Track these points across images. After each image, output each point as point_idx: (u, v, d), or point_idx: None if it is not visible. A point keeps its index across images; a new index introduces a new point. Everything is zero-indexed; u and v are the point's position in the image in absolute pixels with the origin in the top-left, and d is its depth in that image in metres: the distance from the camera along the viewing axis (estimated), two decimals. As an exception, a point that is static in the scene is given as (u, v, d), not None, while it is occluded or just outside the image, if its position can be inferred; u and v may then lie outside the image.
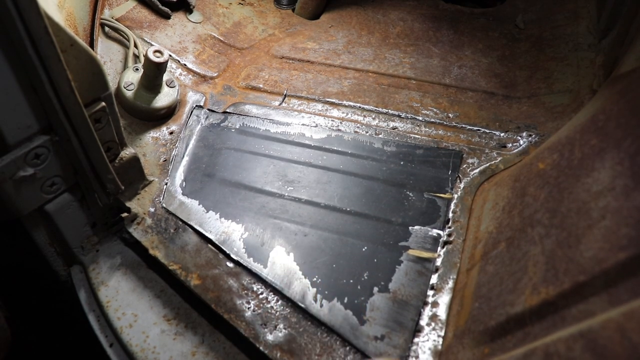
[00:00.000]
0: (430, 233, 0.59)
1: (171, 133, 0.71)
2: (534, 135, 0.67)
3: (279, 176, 0.66)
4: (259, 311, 0.55)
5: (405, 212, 0.61)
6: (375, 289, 0.55)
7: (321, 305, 0.54)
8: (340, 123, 0.72)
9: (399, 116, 0.73)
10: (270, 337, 0.53)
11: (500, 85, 0.77)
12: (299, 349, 0.52)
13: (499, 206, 0.56)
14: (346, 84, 0.78)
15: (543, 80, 0.76)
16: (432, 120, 0.72)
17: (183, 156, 0.68)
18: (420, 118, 0.72)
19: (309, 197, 0.63)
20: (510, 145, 0.67)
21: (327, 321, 0.53)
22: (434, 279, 0.55)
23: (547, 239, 0.45)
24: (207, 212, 0.63)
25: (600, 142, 0.46)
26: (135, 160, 0.61)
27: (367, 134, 0.70)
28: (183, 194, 0.65)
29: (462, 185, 0.63)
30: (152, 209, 0.63)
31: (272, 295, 0.56)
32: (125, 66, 0.74)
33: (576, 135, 0.50)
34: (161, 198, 0.64)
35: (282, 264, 0.58)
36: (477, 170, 0.64)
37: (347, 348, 0.51)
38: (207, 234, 0.60)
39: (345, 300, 0.54)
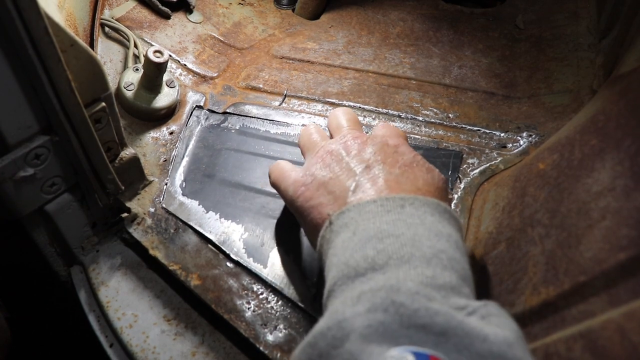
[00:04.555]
0: (430, 233, 0.59)
1: (171, 133, 0.71)
2: (534, 136, 0.67)
3: (279, 176, 0.66)
4: (259, 311, 0.55)
5: (405, 212, 0.61)
6: (375, 289, 0.55)
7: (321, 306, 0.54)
8: (340, 123, 0.72)
9: (399, 116, 0.73)
10: (270, 338, 0.53)
11: (500, 86, 0.77)
12: (299, 349, 0.52)
13: (499, 206, 0.56)
14: (346, 84, 0.78)
15: (543, 81, 0.76)
16: (432, 120, 0.72)
17: (183, 156, 0.69)
18: (420, 118, 0.72)
19: (309, 198, 0.63)
20: (510, 145, 0.67)
21: (327, 321, 0.53)
22: (434, 279, 0.55)
23: (547, 239, 0.45)
24: (207, 212, 0.63)
25: (600, 143, 0.46)
26: (135, 161, 0.61)
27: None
28: (183, 194, 0.65)
29: (462, 186, 0.63)
30: (152, 209, 0.63)
31: (272, 296, 0.56)
32: (125, 66, 0.74)
33: (576, 136, 0.50)
34: (161, 198, 0.64)
35: (282, 264, 0.58)
36: (477, 171, 0.64)
37: (347, 348, 0.51)
38: (207, 234, 0.60)
39: (345, 300, 0.54)
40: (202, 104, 0.75)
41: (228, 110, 0.74)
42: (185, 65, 0.80)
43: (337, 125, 0.56)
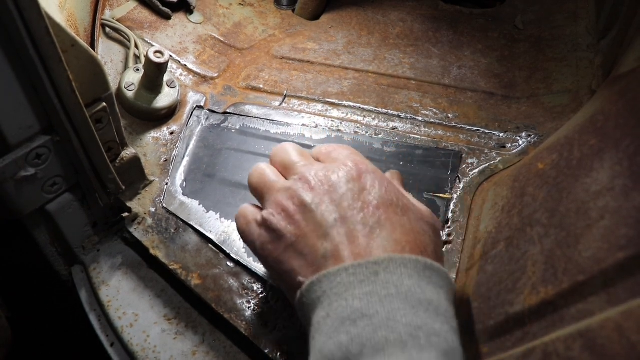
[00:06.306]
0: (429, 233, 0.59)
1: (172, 133, 0.71)
2: (533, 136, 0.68)
3: (279, 176, 0.66)
4: (259, 311, 0.55)
5: (405, 212, 0.61)
6: (375, 288, 0.55)
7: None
8: (340, 123, 0.72)
9: (398, 116, 0.73)
10: (270, 337, 0.53)
11: (499, 86, 0.77)
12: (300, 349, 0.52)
13: (499, 206, 0.57)
14: (346, 85, 0.78)
15: (542, 81, 0.76)
16: (432, 120, 0.72)
17: (183, 156, 0.69)
18: (420, 118, 0.73)
19: (309, 197, 0.63)
20: (509, 145, 0.68)
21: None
22: (433, 279, 0.55)
23: (546, 239, 0.45)
24: (208, 212, 0.63)
25: (599, 143, 0.46)
26: (136, 161, 0.61)
27: (367, 135, 0.70)
28: (183, 194, 0.65)
29: (461, 186, 0.63)
30: (152, 209, 0.63)
31: (272, 295, 0.56)
32: (126, 67, 0.74)
33: (575, 136, 0.50)
34: (162, 198, 0.64)
35: (282, 263, 0.58)
36: (476, 171, 0.65)
37: (347, 347, 0.51)
38: (207, 234, 0.61)
39: (345, 299, 0.54)
40: (202, 104, 0.75)
41: (228, 111, 0.74)
42: (185, 65, 0.80)
43: (288, 162, 0.49)
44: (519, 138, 0.68)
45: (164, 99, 0.71)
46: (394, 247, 0.40)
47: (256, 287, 0.57)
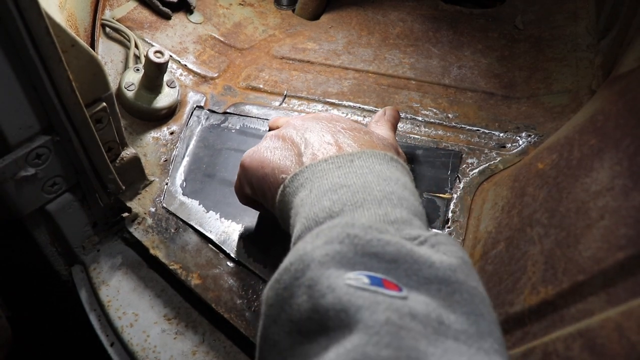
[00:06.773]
0: (429, 233, 0.59)
1: (172, 133, 0.71)
2: (533, 136, 0.68)
3: (279, 176, 0.66)
4: (259, 311, 0.55)
5: (405, 212, 0.61)
6: (375, 288, 0.55)
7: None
8: (340, 123, 0.72)
9: (398, 116, 0.73)
10: (270, 337, 0.53)
11: (499, 86, 0.77)
12: (299, 349, 0.52)
13: (498, 206, 0.57)
14: (346, 85, 0.78)
15: (542, 81, 0.76)
16: (432, 120, 0.72)
17: (183, 156, 0.69)
18: (420, 118, 0.73)
19: (309, 197, 0.63)
20: (509, 145, 0.68)
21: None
22: (433, 279, 0.55)
23: (546, 239, 0.45)
24: (208, 212, 0.63)
25: (599, 142, 0.46)
26: (136, 161, 0.61)
27: (367, 134, 0.70)
28: (183, 194, 0.65)
29: (461, 185, 0.63)
30: (152, 209, 0.63)
31: (273, 295, 0.56)
32: (126, 67, 0.74)
33: (575, 136, 0.50)
34: (162, 198, 0.64)
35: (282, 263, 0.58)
36: (476, 171, 0.65)
37: (347, 347, 0.51)
38: (207, 234, 0.61)
39: (345, 299, 0.54)
40: (202, 104, 0.75)
41: (228, 111, 0.74)
42: (185, 65, 0.80)
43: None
44: (519, 138, 0.68)
45: (164, 99, 0.71)
46: (362, 148, 0.47)
47: (256, 287, 0.57)
